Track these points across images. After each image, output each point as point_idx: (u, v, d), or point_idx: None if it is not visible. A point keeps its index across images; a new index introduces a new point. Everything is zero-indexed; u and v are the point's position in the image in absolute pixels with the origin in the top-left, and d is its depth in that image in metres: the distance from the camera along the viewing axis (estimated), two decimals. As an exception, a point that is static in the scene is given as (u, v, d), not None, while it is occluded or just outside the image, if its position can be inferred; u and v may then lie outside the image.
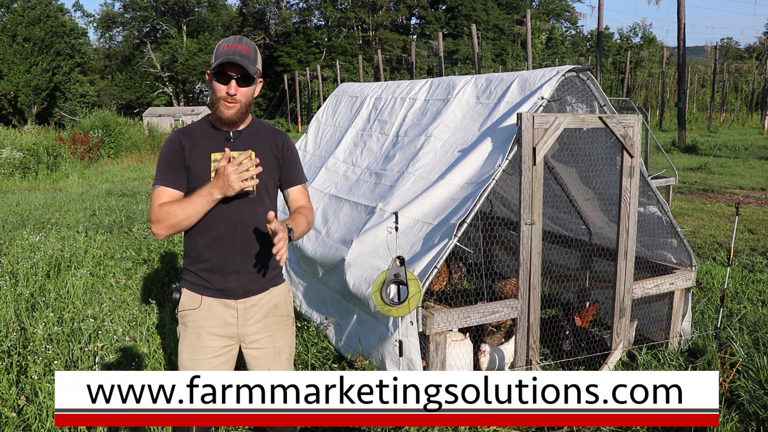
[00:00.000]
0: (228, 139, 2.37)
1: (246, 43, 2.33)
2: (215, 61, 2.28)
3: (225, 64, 2.24)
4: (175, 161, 2.34)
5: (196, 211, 2.26)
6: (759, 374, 3.81)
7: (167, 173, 2.34)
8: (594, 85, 3.94)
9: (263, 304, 2.46)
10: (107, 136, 20.06)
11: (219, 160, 2.29)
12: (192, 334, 2.40)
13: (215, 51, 2.34)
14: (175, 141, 2.37)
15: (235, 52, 2.28)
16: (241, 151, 2.30)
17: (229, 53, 2.27)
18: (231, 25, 60.02)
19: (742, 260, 6.79)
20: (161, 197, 2.31)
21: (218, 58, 2.28)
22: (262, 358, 2.48)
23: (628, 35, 65.05)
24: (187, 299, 2.41)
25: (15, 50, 45.48)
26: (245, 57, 2.28)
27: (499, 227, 5.30)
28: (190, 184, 2.34)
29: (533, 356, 3.78)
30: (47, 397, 3.53)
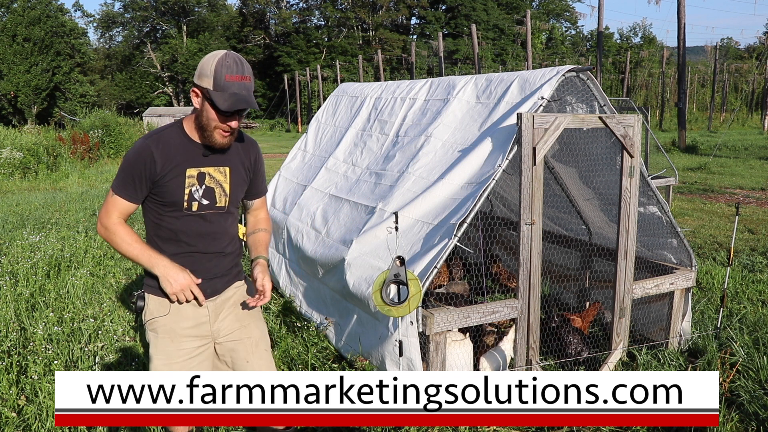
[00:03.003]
0: (205, 155, 2.30)
1: (248, 70, 2.19)
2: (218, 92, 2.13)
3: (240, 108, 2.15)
4: (141, 175, 2.23)
5: (136, 261, 2.29)
6: (759, 374, 3.81)
7: (127, 186, 2.25)
8: (594, 85, 3.94)
9: (230, 297, 2.48)
10: (107, 136, 20.05)
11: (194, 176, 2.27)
12: (164, 340, 2.36)
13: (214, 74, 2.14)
14: (146, 153, 2.22)
15: (242, 87, 2.16)
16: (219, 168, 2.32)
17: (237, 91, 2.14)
18: (231, 25, 60.03)
19: (742, 260, 6.79)
20: (118, 208, 2.27)
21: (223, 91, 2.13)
22: (239, 350, 2.47)
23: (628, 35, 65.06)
24: (155, 305, 2.35)
25: (15, 50, 45.46)
26: (250, 90, 2.18)
27: (499, 227, 5.30)
28: (163, 198, 2.27)
29: (533, 356, 3.78)
30: (47, 397, 3.53)
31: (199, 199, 2.30)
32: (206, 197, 2.32)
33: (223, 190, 2.35)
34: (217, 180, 2.34)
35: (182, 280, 2.23)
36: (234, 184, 2.38)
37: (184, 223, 2.31)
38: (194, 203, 2.30)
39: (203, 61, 2.19)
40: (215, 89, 2.14)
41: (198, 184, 2.29)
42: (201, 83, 2.17)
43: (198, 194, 2.30)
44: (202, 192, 2.31)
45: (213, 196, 2.34)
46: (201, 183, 2.30)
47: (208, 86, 2.15)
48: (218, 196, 2.35)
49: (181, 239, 2.33)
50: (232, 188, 2.38)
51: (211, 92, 2.14)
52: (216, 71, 2.14)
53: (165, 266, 2.24)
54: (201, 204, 2.32)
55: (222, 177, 2.35)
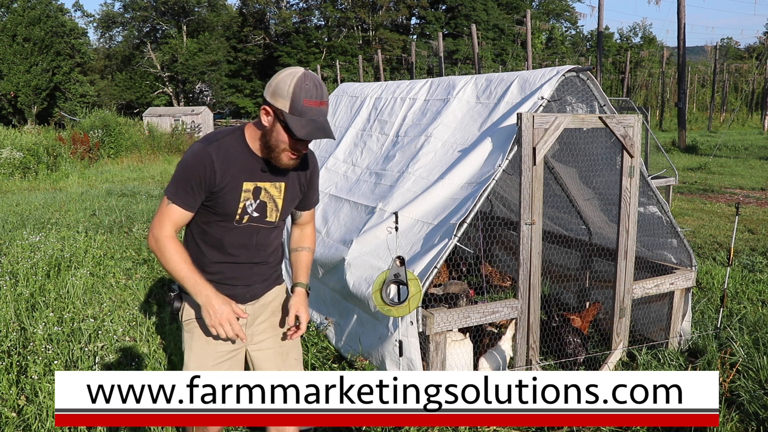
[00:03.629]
0: (263, 170, 2.23)
1: (326, 94, 2.08)
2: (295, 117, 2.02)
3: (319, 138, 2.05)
4: (199, 184, 2.14)
5: (179, 282, 2.18)
6: (759, 374, 3.81)
7: (186, 193, 2.15)
8: (594, 85, 3.94)
9: (269, 302, 2.45)
10: (107, 136, 20.05)
11: (250, 190, 2.21)
12: (199, 341, 2.32)
13: (292, 96, 2.02)
14: (206, 161, 2.12)
15: (320, 113, 2.06)
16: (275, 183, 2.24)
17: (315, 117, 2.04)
18: (231, 25, 60.02)
19: (742, 260, 6.79)
20: (173, 218, 2.17)
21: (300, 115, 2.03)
22: (270, 359, 2.43)
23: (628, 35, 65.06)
24: (193, 306, 2.31)
25: (15, 50, 45.45)
26: (326, 117, 2.09)
27: (499, 227, 5.30)
28: (215, 209, 2.21)
29: (533, 356, 3.78)
30: (47, 397, 3.53)
31: (251, 213, 2.25)
32: (258, 211, 2.27)
33: (275, 205, 2.30)
34: (271, 195, 2.27)
35: (224, 314, 2.12)
36: (287, 199, 2.33)
37: (232, 234, 2.26)
38: (246, 216, 2.25)
39: (279, 78, 2.06)
40: (292, 113, 2.03)
41: (252, 198, 2.23)
42: (275, 103, 2.05)
43: (251, 208, 2.24)
44: (255, 206, 2.25)
45: (264, 211, 2.28)
46: (256, 197, 2.24)
47: (283, 108, 2.03)
48: (269, 211, 2.29)
49: (226, 249, 2.28)
50: (284, 204, 2.32)
51: (286, 115, 2.03)
52: (294, 93, 2.02)
53: (208, 296, 2.13)
54: (252, 217, 2.26)
55: (276, 192, 2.28)
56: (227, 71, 58.45)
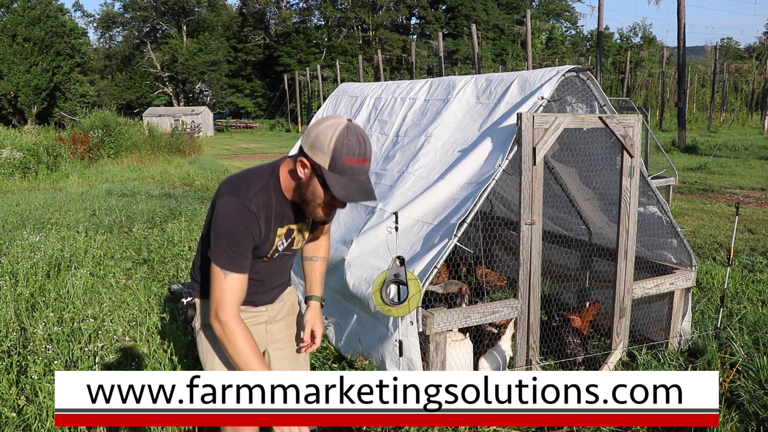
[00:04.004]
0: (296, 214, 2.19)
1: (370, 150, 1.95)
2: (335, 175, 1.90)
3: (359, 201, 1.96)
4: (250, 244, 2.07)
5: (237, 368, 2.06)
6: (759, 374, 3.81)
7: (241, 258, 2.05)
8: (594, 85, 3.94)
9: (285, 300, 2.47)
10: (107, 136, 20.05)
11: (283, 234, 2.17)
12: None
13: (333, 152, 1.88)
14: (253, 223, 2.04)
15: (363, 171, 1.94)
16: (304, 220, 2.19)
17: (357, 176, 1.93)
18: (231, 25, 60.04)
19: (742, 260, 6.79)
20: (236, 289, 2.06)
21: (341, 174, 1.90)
22: (285, 359, 2.45)
23: (628, 35, 65.07)
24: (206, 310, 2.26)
25: (15, 50, 45.49)
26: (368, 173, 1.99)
27: (499, 227, 5.30)
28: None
29: (533, 356, 3.78)
30: (47, 397, 3.53)
31: (281, 250, 2.23)
32: (288, 248, 2.26)
33: (302, 237, 2.28)
34: (300, 230, 2.25)
35: None
36: (313, 229, 2.31)
37: (258, 266, 2.24)
38: (276, 254, 2.24)
39: (320, 129, 1.91)
40: (332, 170, 1.90)
41: (284, 239, 2.21)
42: (314, 157, 1.91)
43: (282, 246, 2.22)
44: (285, 244, 2.23)
45: (292, 244, 2.27)
46: (287, 237, 2.22)
47: (322, 163, 1.90)
48: (296, 242, 2.28)
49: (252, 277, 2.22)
50: (311, 232, 2.31)
51: (325, 172, 1.90)
52: (335, 149, 1.88)
53: None
54: (280, 252, 2.25)
55: (305, 227, 2.26)
56: (227, 71, 58.49)
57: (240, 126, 52.76)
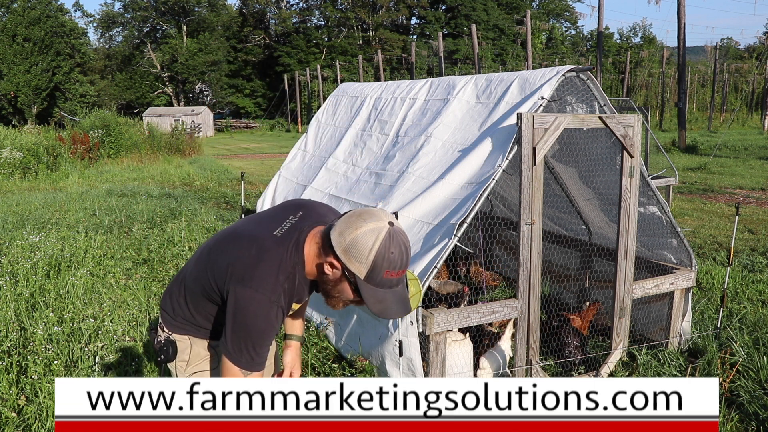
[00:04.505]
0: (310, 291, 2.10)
1: (408, 260, 1.78)
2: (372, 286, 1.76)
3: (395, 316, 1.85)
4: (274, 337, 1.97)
5: None
6: (759, 374, 3.81)
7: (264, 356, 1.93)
8: (594, 85, 3.94)
9: None
10: (107, 136, 20.04)
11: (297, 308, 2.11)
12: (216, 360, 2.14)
13: (372, 265, 1.72)
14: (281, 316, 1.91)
15: (400, 282, 1.81)
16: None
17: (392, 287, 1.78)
18: (231, 25, 60.03)
19: (742, 260, 6.79)
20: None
21: (377, 285, 1.76)
22: None
23: (628, 35, 65.05)
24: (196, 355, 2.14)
25: (15, 50, 45.47)
26: (404, 283, 1.85)
27: (499, 227, 5.30)
28: None
29: (533, 356, 3.78)
30: (47, 397, 3.53)
31: None
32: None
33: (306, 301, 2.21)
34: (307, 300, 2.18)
35: None
36: None
37: None
38: None
39: (357, 234, 1.71)
40: (368, 281, 1.75)
41: None
42: (348, 264, 1.74)
43: None
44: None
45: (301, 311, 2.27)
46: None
47: (357, 273, 1.74)
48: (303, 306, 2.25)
49: None
50: None
51: (360, 282, 1.75)
52: (375, 263, 1.71)
53: None
54: None
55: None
56: (227, 71, 58.47)
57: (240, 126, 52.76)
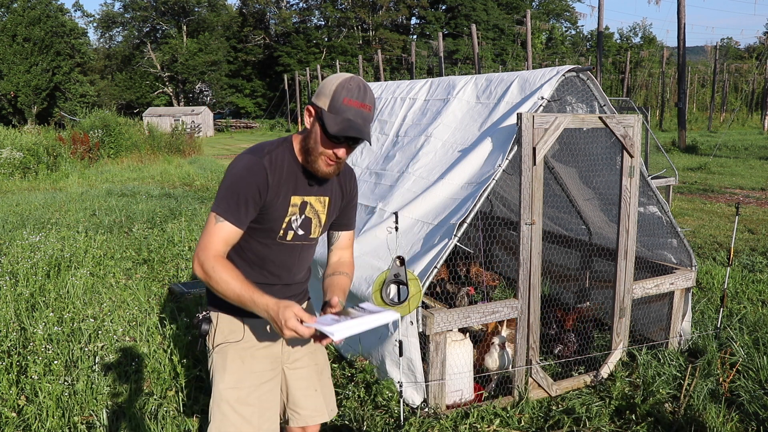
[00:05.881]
0: (310, 184, 2.13)
1: (369, 98, 1.98)
2: (331, 114, 1.94)
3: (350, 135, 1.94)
4: (256, 198, 2.01)
5: (239, 302, 1.94)
6: (759, 374, 3.81)
7: (238, 209, 1.99)
8: (594, 85, 3.94)
9: None
10: (107, 136, 20.05)
11: (297, 204, 2.10)
12: (235, 362, 2.16)
13: (332, 95, 1.95)
14: (262, 176, 2.00)
15: (359, 114, 1.95)
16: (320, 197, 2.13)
17: (352, 117, 1.95)
18: (231, 25, 60.03)
19: (742, 260, 6.79)
20: (223, 238, 1.99)
21: (337, 114, 1.94)
22: (308, 378, 2.33)
23: (628, 35, 65.08)
24: (227, 327, 2.17)
25: (15, 50, 45.47)
26: (368, 121, 1.98)
27: (499, 227, 5.30)
28: (260, 224, 2.08)
29: (533, 356, 3.78)
30: (47, 397, 3.53)
31: (296, 229, 2.14)
32: (303, 228, 2.16)
33: (319, 221, 2.20)
34: (316, 210, 2.17)
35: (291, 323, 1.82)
36: (330, 215, 2.23)
37: (273, 251, 2.14)
38: (290, 233, 2.14)
39: (326, 80, 2.01)
40: (330, 110, 1.95)
41: (298, 214, 2.13)
42: (317, 102, 1.98)
43: (296, 224, 2.13)
44: (300, 222, 2.14)
45: (309, 227, 2.18)
46: (302, 213, 2.14)
47: (323, 106, 1.96)
48: (314, 227, 2.19)
49: (267, 268, 2.15)
50: (327, 219, 2.22)
51: (324, 113, 1.95)
52: (336, 92, 1.95)
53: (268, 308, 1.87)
54: (296, 234, 2.15)
55: (321, 207, 2.19)
56: (227, 71, 58.46)
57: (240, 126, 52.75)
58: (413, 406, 3.53)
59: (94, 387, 3.69)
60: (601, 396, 3.79)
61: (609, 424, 3.49)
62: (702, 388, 3.68)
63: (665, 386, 3.75)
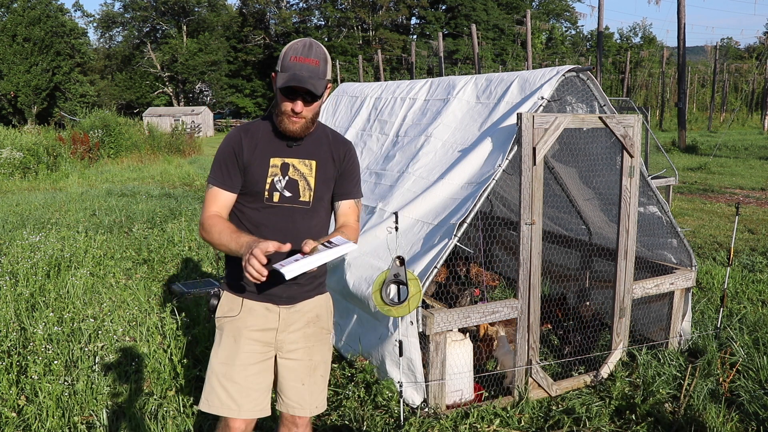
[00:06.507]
0: (289, 146, 2.27)
1: (315, 54, 2.13)
2: (281, 73, 2.13)
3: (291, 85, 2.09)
4: (233, 160, 2.23)
5: (227, 249, 2.15)
6: (759, 374, 3.81)
7: (222, 173, 2.24)
8: (594, 85, 3.94)
9: (306, 311, 2.37)
10: (107, 136, 20.05)
11: (278, 165, 2.25)
12: (228, 339, 2.29)
13: (282, 57, 2.15)
14: (236, 139, 2.25)
15: (303, 67, 2.10)
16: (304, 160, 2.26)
17: (296, 69, 2.11)
18: (231, 25, 60.01)
19: (742, 260, 6.78)
20: (215, 200, 2.24)
21: (285, 71, 2.12)
22: (297, 370, 2.37)
23: (628, 35, 65.09)
24: (227, 303, 2.32)
25: (15, 50, 45.46)
26: (314, 74, 2.12)
27: (499, 227, 5.30)
28: (245, 188, 2.25)
29: (533, 356, 3.78)
30: (47, 397, 3.53)
31: (281, 190, 2.25)
32: (289, 189, 2.26)
33: (307, 184, 2.28)
34: (301, 173, 2.27)
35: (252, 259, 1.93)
36: (320, 179, 2.30)
37: (265, 215, 2.25)
38: (275, 194, 2.24)
39: None
40: (281, 70, 2.14)
41: (281, 175, 2.25)
42: (276, 68, 2.19)
43: (280, 185, 2.25)
44: (284, 183, 2.25)
45: (296, 189, 2.27)
46: (284, 174, 2.25)
47: (277, 68, 2.16)
48: (302, 189, 2.27)
49: (262, 233, 2.22)
50: (317, 183, 2.30)
51: (278, 74, 2.14)
52: (284, 53, 2.15)
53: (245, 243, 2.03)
54: (283, 195, 2.25)
55: (307, 170, 2.28)
56: (227, 71, 58.43)
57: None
58: (413, 406, 3.53)
59: (94, 387, 3.69)
60: (601, 396, 3.79)
61: (609, 424, 3.49)
62: (702, 388, 3.68)
63: (665, 386, 3.75)
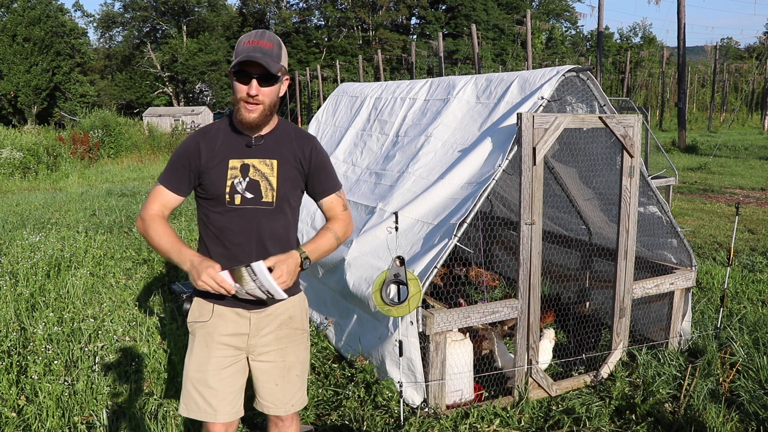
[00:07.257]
0: (249, 145, 2.23)
1: (268, 38, 2.17)
2: (235, 59, 2.12)
3: (245, 62, 2.08)
4: (186, 164, 2.22)
5: (164, 255, 2.20)
6: (759, 374, 3.81)
7: (173, 175, 2.25)
8: (594, 85, 3.94)
9: (278, 314, 2.34)
10: (107, 136, 20.06)
11: (237, 167, 2.21)
12: (200, 344, 2.29)
13: (236, 47, 2.17)
14: (192, 143, 2.24)
15: (256, 48, 2.12)
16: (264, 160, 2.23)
17: (249, 50, 2.11)
18: (231, 25, 59.99)
19: (742, 260, 6.78)
20: (159, 198, 2.26)
21: (238, 56, 2.11)
22: (270, 372, 2.36)
23: (628, 35, 65.06)
24: (198, 309, 2.31)
25: (15, 50, 45.44)
26: (267, 54, 2.12)
27: (499, 227, 5.30)
28: (207, 192, 2.23)
29: (533, 356, 3.78)
30: (47, 397, 3.53)
31: (242, 192, 2.21)
32: (250, 190, 2.22)
33: (269, 184, 2.24)
34: (262, 173, 2.23)
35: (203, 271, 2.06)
36: (282, 178, 2.25)
37: (229, 219, 2.22)
38: (237, 196, 2.21)
39: None
40: (235, 56, 2.13)
41: (241, 176, 2.21)
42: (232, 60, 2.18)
43: (241, 186, 2.21)
44: (245, 185, 2.21)
45: (258, 190, 2.23)
46: (245, 175, 2.22)
47: (233, 57, 2.15)
48: (264, 190, 2.23)
49: (227, 237, 2.22)
50: (279, 182, 2.25)
51: (232, 62, 2.14)
52: (238, 42, 2.18)
53: (191, 260, 2.10)
54: (245, 197, 2.22)
55: (268, 170, 2.24)
56: (227, 71, 58.39)
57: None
58: (413, 406, 3.53)
59: (94, 387, 3.69)
60: (601, 396, 3.79)
61: (609, 424, 3.49)
62: (702, 388, 3.68)
63: (665, 386, 3.75)
